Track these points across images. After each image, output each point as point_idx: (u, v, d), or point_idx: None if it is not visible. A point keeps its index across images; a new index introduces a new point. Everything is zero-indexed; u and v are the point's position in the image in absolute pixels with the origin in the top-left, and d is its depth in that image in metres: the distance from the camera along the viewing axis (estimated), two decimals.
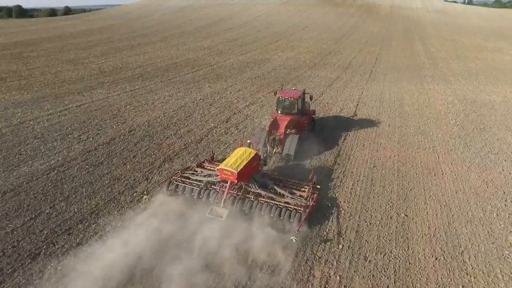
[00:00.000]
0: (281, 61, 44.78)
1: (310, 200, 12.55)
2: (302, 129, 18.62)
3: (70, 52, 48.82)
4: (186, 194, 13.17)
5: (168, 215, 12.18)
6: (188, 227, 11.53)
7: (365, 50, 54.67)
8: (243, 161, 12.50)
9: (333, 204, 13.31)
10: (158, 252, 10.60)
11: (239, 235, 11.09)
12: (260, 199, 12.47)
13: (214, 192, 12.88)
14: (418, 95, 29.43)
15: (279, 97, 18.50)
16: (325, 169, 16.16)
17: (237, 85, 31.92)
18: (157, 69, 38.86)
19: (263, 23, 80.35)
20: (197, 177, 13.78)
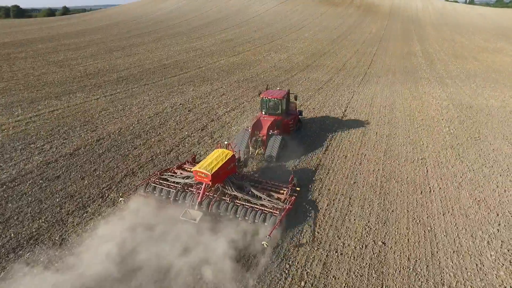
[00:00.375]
0: (273, 62, 43.14)
1: (287, 203, 12.15)
2: (287, 130, 18.40)
3: (59, 53, 47.42)
4: (163, 196, 12.69)
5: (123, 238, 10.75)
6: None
7: (361, 51, 52.89)
8: (218, 162, 12.13)
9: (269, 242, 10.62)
10: None
11: (207, 239, 10.68)
12: (236, 202, 12.08)
13: (190, 194, 12.47)
14: (411, 99, 27.70)
15: (263, 97, 18.16)
16: (305, 176, 14.58)
17: (222, 89, 30.33)
18: (144, 72, 37.34)
19: (259, 23, 78.65)
20: (175, 179, 13.40)
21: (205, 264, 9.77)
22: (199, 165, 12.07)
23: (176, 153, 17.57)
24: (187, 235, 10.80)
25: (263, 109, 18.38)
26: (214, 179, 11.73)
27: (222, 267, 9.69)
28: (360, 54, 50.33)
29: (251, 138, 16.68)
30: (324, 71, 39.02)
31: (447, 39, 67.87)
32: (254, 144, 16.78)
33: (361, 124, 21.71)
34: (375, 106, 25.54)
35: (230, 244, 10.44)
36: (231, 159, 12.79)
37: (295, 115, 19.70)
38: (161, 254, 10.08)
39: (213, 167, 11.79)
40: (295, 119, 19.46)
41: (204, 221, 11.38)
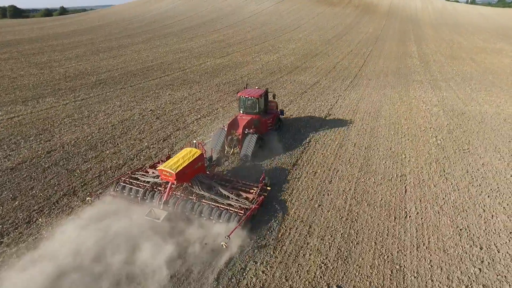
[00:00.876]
0: (260, 64, 41.14)
1: (254, 203, 11.89)
2: (265, 129, 18.04)
3: (44, 55, 45.71)
4: (131, 195, 12.41)
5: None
6: None
7: (355, 52, 50.75)
8: (184, 161, 11.94)
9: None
10: None
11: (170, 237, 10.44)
12: (203, 201, 11.80)
13: (158, 193, 12.15)
14: (399, 104, 25.62)
15: (240, 96, 17.83)
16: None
17: (200, 93, 28.41)
18: (125, 74, 35.52)
19: (254, 24, 76.60)
20: (146, 178, 13.01)
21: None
22: (165, 164, 11.90)
23: (128, 167, 15.67)
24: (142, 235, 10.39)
25: (241, 108, 18.03)
26: (179, 178, 11.57)
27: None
28: (353, 55, 48.20)
29: (227, 137, 16.46)
30: (312, 73, 36.99)
31: (445, 39, 65.50)
32: (230, 143, 16.51)
33: (339, 133, 19.68)
34: (359, 112, 23.49)
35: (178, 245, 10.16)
36: (199, 158, 12.55)
37: (275, 114, 19.16)
38: None
39: (178, 166, 11.59)
40: (274, 118, 18.91)
41: (168, 221, 11.07)
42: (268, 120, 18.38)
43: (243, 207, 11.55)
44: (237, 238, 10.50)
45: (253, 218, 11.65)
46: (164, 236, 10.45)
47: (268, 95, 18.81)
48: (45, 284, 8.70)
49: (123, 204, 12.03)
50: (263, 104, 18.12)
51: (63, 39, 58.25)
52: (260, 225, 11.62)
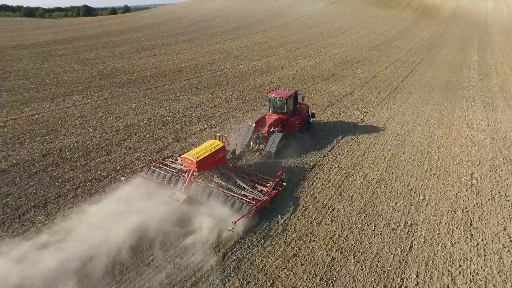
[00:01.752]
0: (295, 70, 38.64)
1: (267, 195, 12.45)
2: (293, 130, 18.30)
3: (93, 51, 47.71)
4: (159, 179, 13.44)
5: None
6: None
7: (403, 60, 45.86)
8: (206, 151, 12.72)
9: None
10: None
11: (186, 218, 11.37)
12: (220, 189, 12.45)
13: (182, 179, 13.02)
14: (437, 126, 21.76)
15: (270, 96, 18.38)
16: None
17: (220, 99, 26.92)
18: (156, 74, 35.37)
19: (301, 26, 73.57)
20: (174, 165, 13.98)
21: None
22: (188, 152, 12.87)
23: (109, 181, 14.59)
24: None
25: (270, 108, 18.63)
26: (200, 166, 12.40)
27: None
28: (400, 64, 43.49)
29: (254, 134, 17.03)
30: (348, 82, 33.68)
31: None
32: (255, 140, 17.08)
33: (351, 161, 16.78)
34: (384, 135, 20.24)
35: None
36: (221, 150, 13.24)
37: (304, 116, 19.31)
38: None
39: (200, 155, 12.44)
40: (302, 120, 19.05)
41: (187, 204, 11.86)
42: (296, 121, 18.50)
43: (255, 198, 12.05)
44: (245, 225, 11.27)
45: (264, 209, 12.18)
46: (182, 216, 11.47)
47: (298, 97, 19.14)
48: None
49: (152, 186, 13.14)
50: (292, 105, 18.42)
51: (115, 37, 60.71)
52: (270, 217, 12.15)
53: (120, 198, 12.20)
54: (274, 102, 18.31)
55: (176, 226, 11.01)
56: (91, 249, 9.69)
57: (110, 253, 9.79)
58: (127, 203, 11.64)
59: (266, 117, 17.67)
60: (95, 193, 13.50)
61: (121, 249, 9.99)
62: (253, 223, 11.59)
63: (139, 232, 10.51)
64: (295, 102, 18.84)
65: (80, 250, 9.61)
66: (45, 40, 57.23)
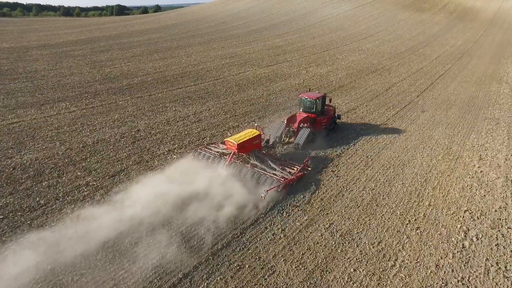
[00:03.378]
0: (303, 78, 35.90)
1: (294, 175, 14.61)
2: (319, 128, 20.20)
3: (107, 53, 47.60)
4: (204, 160, 15.84)
5: None
6: None
7: (425, 70, 41.56)
8: (246, 137, 15.20)
9: None
10: None
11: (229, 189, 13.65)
12: (255, 169, 14.72)
13: (223, 159, 15.35)
14: (441, 158, 18.43)
15: (301, 97, 20.57)
16: None
17: (208, 112, 24.98)
18: (157, 80, 34.14)
19: (324, 29, 69.93)
20: (216, 149, 16.42)
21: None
22: (231, 137, 15.48)
23: (42, 212, 13.06)
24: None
25: (301, 107, 20.68)
26: (240, 149, 14.79)
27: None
28: (421, 75, 39.35)
29: (285, 129, 19.41)
30: (355, 96, 30.54)
31: None
32: (286, 134, 19.43)
33: (320, 203, 14.10)
34: (373, 167, 17.24)
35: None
36: (257, 137, 15.77)
37: (330, 116, 21.05)
38: None
39: (240, 139, 14.94)
40: (328, 119, 20.83)
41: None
42: (323, 120, 20.41)
43: (284, 176, 14.35)
44: (277, 196, 13.86)
45: (291, 186, 14.44)
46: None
47: (326, 99, 20.92)
48: None
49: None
50: (320, 105, 20.34)
51: (134, 37, 60.61)
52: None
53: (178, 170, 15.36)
54: (304, 102, 20.35)
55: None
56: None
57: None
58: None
59: (297, 115, 19.93)
60: (19, 227, 12.03)
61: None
62: (282, 197, 13.97)
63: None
64: (323, 103, 20.71)
65: None
66: (68, 40, 58.18)
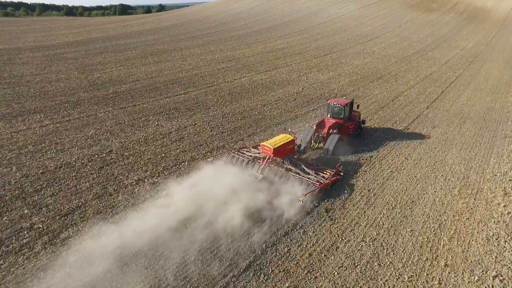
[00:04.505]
0: (301, 86, 32.97)
1: (328, 180, 14.70)
2: (347, 133, 19.88)
3: (100, 56, 45.18)
4: (238, 163, 16.07)
5: None
6: None
7: (435, 76, 38.29)
8: (280, 142, 15.62)
9: None
10: None
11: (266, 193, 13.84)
12: (289, 173, 14.93)
13: (257, 163, 15.62)
14: (457, 192, 15.37)
15: (330, 103, 20.30)
16: None
17: (194, 127, 22.24)
18: (146, 87, 31.54)
19: (328, 30, 66.63)
20: (249, 153, 16.76)
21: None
22: (266, 141, 15.76)
23: None
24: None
25: (329, 113, 20.44)
26: (275, 153, 15.20)
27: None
28: (431, 82, 36.12)
29: (314, 134, 19.19)
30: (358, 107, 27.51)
31: None
32: (316, 139, 19.22)
33: (300, 267, 11.32)
34: (375, 205, 14.28)
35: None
36: (291, 142, 16.10)
37: (357, 122, 20.93)
38: None
39: (276, 143, 15.36)
40: (355, 125, 20.69)
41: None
42: (350, 126, 20.19)
43: (319, 180, 14.23)
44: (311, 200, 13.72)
45: (325, 190, 14.34)
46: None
47: (353, 105, 20.84)
48: None
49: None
50: (348, 112, 20.12)
51: (131, 39, 58.12)
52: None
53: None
54: (332, 108, 20.18)
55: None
56: None
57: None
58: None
59: (325, 121, 19.85)
60: None
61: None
62: (316, 202, 13.86)
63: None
64: (351, 109, 20.51)
65: None
66: (64, 41, 55.93)
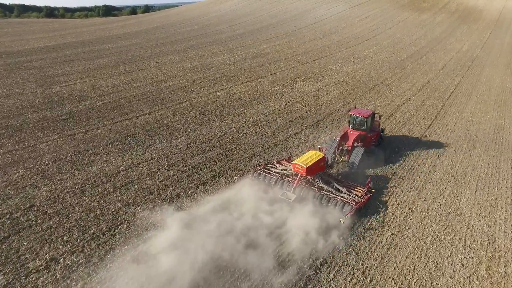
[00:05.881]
0: (285, 101, 28.55)
1: (363, 198, 14.19)
2: (369, 144, 19.14)
3: (69, 64, 40.19)
4: (265, 181, 15.38)
5: None
6: None
7: (433, 85, 34.19)
8: (312, 160, 14.71)
9: None
10: None
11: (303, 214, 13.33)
12: (322, 192, 14.44)
13: (287, 182, 15.06)
14: (485, 274, 11.23)
15: (351, 114, 19.23)
16: None
17: (148, 163, 17.70)
18: (108, 104, 26.84)
19: (317, 32, 62.17)
20: (275, 170, 15.93)
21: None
22: (297, 160, 14.84)
23: None
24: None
25: (350, 124, 19.38)
26: (308, 172, 14.35)
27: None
28: (429, 92, 31.99)
29: (338, 147, 18.18)
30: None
31: None
32: (340, 152, 18.27)
33: None
34: None
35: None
36: (322, 159, 15.20)
37: (378, 132, 20.08)
38: None
39: (308, 162, 14.45)
40: (377, 136, 19.92)
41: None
42: (372, 137, 19.38)
43: (355, 200, 13.90)
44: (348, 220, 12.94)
45: (360, 210, 13.86)
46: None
47: (375, 115, 19.83)
48: None
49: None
50: (370, 123, 19.16)
51: (107, 44, 53.02)
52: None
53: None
54: (354, 119, 19.13)
55: None
56: None
57: None
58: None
59: (349, 133, 18.84)
60: None
61: None
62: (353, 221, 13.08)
63: None
64: (372, 119, 19.63)
65: None
66: (34, 47, 50.68)
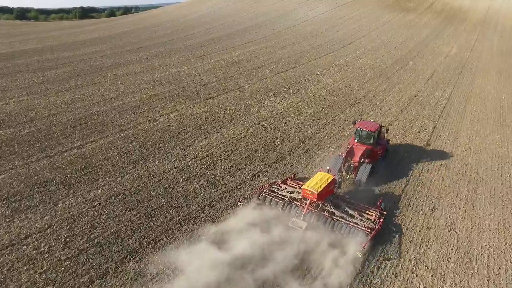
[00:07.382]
0: (248, 125, 23.39)
1: (377, 224, 12.97)
2: (375, 158, 18.15)
3: (12, 77, 34.15)
4: (272, 205, 14.15)
5: None
6: None
7: (422, 98, 29.39)
8: (322, 184, 13.48)
9: None
10: None
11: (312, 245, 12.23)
12: (333, 217, 13.26)
13: (295, 206, 13.90)
14: None
15: (357, 127, 17.97)
16: None
17: (41, 235, 12.36)
18: (34, 133, 21.37)
19: (297, 35, 56.89)
20: (281, 192, 14.74)
21: None
22: (306, 184, 13.62)
23: None
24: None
25: (356, 138, 18.12)
26: (319, 197, 13.26)
27: None
28: (417, 108, 27.16)
29: (344, 163, 16.80)
30: (322, 163, 18.28)
31: None
32: (346, 169, 16.94)
33: None
34: None
35: None
36: (332, 182, 13.99)
37: (384, 145, 19.02)
38: None
39: (318, 187, 13.24)
40: (384, 149, 18.85)
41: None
42: (379, 151, 18.32)
43: (369, 226, 12.64)
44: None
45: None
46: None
47: (382, 128, 18.70)
48: None
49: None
50: (377, 137, 18.03)
51: (67, 52, 46.84)
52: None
53: None
54: (360, 133, 17.82)
55: None
56: None
57: None
58: None
59: (355, 148, 17.46)
60: None
61: None
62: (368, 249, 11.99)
63: None
64: (379, 133, 18.41)
65: None
66: None
